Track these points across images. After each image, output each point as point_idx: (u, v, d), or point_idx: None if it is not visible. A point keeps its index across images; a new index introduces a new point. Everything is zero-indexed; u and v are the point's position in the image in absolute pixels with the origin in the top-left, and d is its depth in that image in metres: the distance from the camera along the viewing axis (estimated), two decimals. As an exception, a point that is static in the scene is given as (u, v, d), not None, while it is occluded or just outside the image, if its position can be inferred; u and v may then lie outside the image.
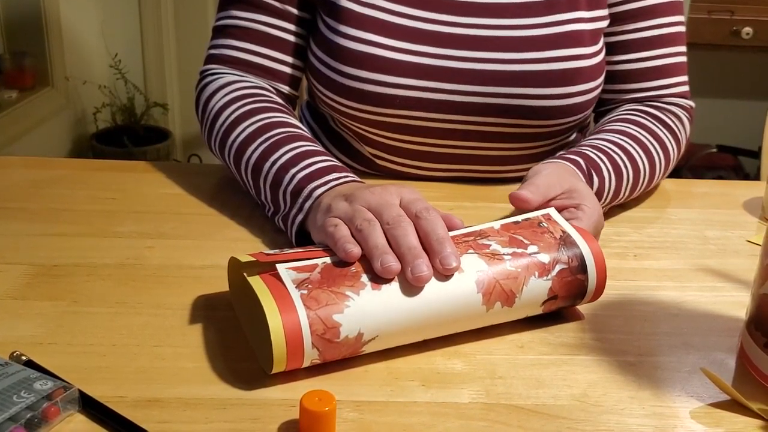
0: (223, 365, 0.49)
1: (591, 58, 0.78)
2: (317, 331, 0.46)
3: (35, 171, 0.81)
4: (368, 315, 0.48)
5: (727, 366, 0.53)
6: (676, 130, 0.81)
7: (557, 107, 0.78)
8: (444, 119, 0.78)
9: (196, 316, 0.55)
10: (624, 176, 0.73)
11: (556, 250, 0.54)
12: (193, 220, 0.70)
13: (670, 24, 0.82)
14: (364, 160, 0.85)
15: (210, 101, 0.77)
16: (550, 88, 0.77)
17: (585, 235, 0.56)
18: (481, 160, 0.82)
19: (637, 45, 0.82)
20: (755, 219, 0.79)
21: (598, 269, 0.55)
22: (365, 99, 0.77)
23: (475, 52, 0.76)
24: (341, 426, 0.44)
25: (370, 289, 0.49)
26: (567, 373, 0.51)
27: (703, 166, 2.54)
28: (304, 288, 0.48)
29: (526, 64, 0.76)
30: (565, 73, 0.77)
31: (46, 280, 0.59)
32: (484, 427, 0.45)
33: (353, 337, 0.48)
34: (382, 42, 0.75)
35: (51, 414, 0.42)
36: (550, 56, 0.77)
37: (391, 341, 0.50)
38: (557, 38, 0.77)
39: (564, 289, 0.54)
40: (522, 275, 0.52)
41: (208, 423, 0.44)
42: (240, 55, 0.79)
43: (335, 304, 0.47)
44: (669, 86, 0.83)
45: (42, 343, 0.51)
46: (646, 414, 0.47)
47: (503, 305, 0.52)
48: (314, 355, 0.47)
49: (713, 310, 0.60)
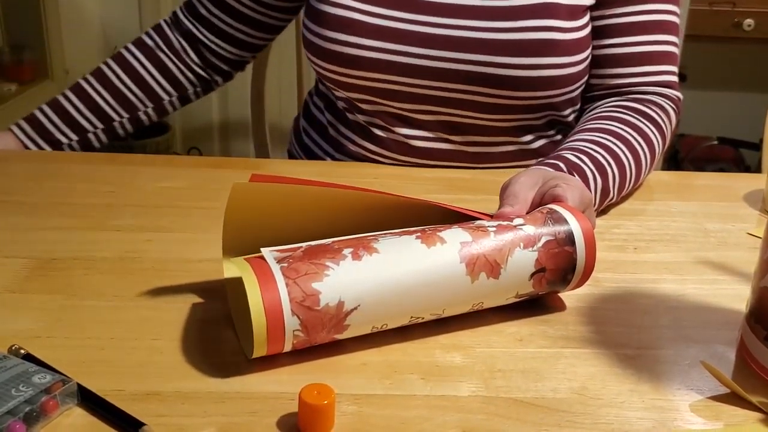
0: (222, 359, 0.49)
1: (566, 32, 0.78)
2: (296, 298, 0.46)
3: (34, 164, 0.81)
4: (348, 283, 0.48)
5: (727, 359, 0.53)
6: (661, 122, 0.80)
7: (526, 78, 0.78)
8: (418, 84, 0.81)
9: (194, 310, 0.55)
10: (609, 174, 0.72)
11: (543, 222, 0.54)
12: (192, 214, 0.70)
13: (659, 11, 0.82)
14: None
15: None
16: (518, 57, 0.77)
17: (572, 210, 0.56)
18: (465, 129, 0.84)
19: (624, 29, 0.82)
20: (756, 212, 0.78)
21: (586, 241, 0.54)
22: (346, 62, 0.81)
23: (448, 18, 0.79)
24: (340, 419, 0.44)
25: (350, 260, 0.49)
26: (566, 366, 0.51)
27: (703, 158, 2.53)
28: (285, 262, 0.48)
29: (497, 33, 0.77)
30: (534, 43, 0.77)
31: (44, 273, 0.59)
32: (482, 420, 0.45)
33: (334, 306, 0.47)
34: (360, 8, 0.80)
35: (49, 407, 0.42)
36: (521, 26, 0.77)
37: (375, 313, 0.49)
38: (530, 8, 0.78)
39: (551, 261, 0.53)
40: (507, 247, 0.52)
41: (207, 416, 0.44)
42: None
43: (315, 273, 0.47)
44: (654, 74, 0.83)
45: (40, 336, 0.51)
46: (645, 407, 0.47)
47: (489, 276, 0.51)
48: (295, 325, 0.46)
49: (713, 303, 0.60)
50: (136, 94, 0.94)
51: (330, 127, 0.92)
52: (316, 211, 0.54)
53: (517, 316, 0.56)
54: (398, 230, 0.53)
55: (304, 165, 0.89)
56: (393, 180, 0.81)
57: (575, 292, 0.59)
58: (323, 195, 0.53)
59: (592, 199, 0.64)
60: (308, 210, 0.54)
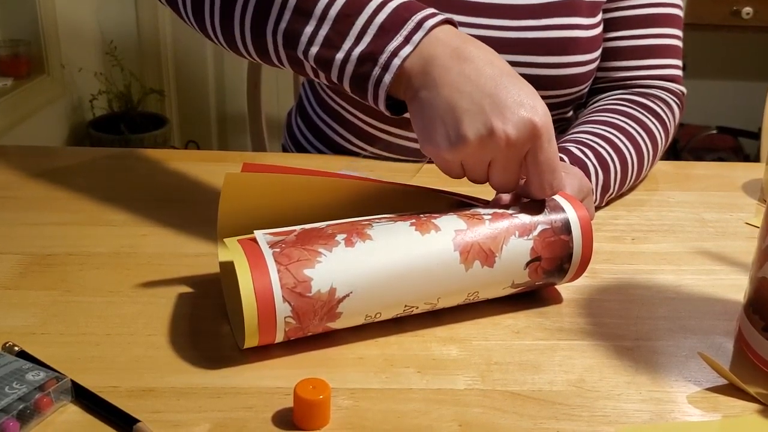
0: (218, 353, 0.49)
1: (588, 30, 0.77)
2: (287, 285, 0.46)
3: (29, 160, 0.80)
4: (340, 269, 0.47)
5: (725, 350, 0.52)
6: (665, 118, 0.80)
7: (551, 77, 0.77)
8: None
9: (190, 305, 0.54)
10: (611, 170, 0.71)
11: (539, 211, 0.54)
12: (187, 208, 0.70)
13: (665, 4, 0.81)
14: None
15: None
16: (544, 56, 0.76)
17: (569, 198, 0.55)
18: None
19: (631, 22, 0.81)
20: (754, 201, 0.78)
21: (583, 230, 0.54)
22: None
23: (471, 17, 0.76)
24: (336, 414, 0.44)
25: (343, 247, 0.48)
26: (563, 359, 0.50)
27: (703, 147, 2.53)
28: (278, 247, 0.48)
29: (522, 32, 0.76)
30: (561, 41, 0.76)
31: (40, 269, 0.58)
32: (479, 413, 0.45)
33: (326, 292, 0.47)
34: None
35: (43, 405, 0.42)
36: (547, 24, 0.76)
37: (368, 301, 0.48)
38: (554, 6, 0.76)
39: (547, 250, 0.53)
40: (502, 235, 0.52)
41: (202, 412, 0.44)
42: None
43: (307, 259, 0.47)
44: (659, 67, 0.82)
45: (35, 333, 0.50)
46: (642, 399, 0.47)
47: (483, 265, 0.51)
48: (287, 311, 0.46)
49: (711, 294, 0.60)
50: None
51: (325, 126, 0.91)
52: (310, 199, 0.54)
53: (514, 308, 0.56)
54: (393, 215, 0.53)
55: (300, 158, 0.89)
56: (388, 173, 0.81)
57: (572, 283, 0.59)
58: (316, 183, 0.53)
59: (591, 188, 0.63)
60: (302, 198, 0.53)
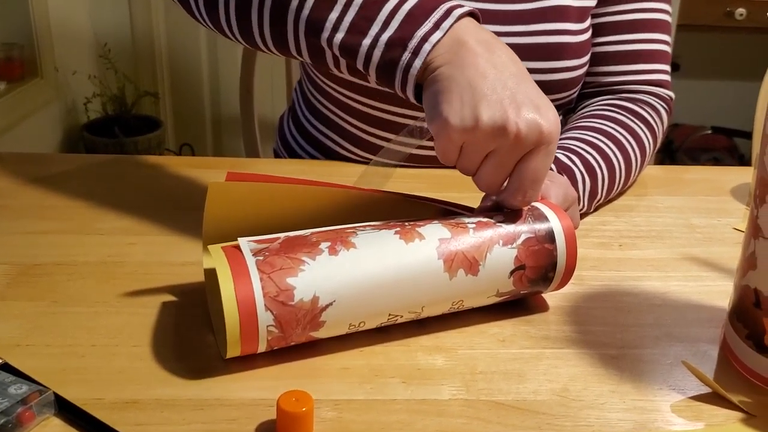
0: (202, 365, 0.49)
1: (577, 35, 0.78)
2: (270, 293, 0.46)
3: (20, 167, 0.80)
4: (323, 278, 0.47)
5: (710, 357, 0.53)
6: (653, 123, 0.80)
7: (541, 82, 0.77)
8: None
9: (175, 315, 0.54)
10: (599, 177, 0.71)
11: (523, 220, 0.54)
12: (177, 216, 0.70)
13: (653, 10, 0.81)
14: (350, 136, 0.85)
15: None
16: (534, 61, 0.76)
17: (553, 207, 0.56)
18: None
19: (619, 27, 0.81)
20: (743, 206, 0.78)
21: (567, 239, 0.54)
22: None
23: None
24: (319, 426, 0.44)
25: (327, 255, 0.48)
26: (548, 367, 0.50)
27: (698, 147, 2.53)
28: (261, 255, 0.48)
29: (512, 37, 0.76)
30: (550, 47, 0.76)
31: (26, 279, 0.58)
32: (462, 424, 0.45)
33: (309, 301, 0.47)
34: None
35: (26, 418, 0.42)
36: (536, 29, 0.76)
37: (351, 309, 0.48)
38: (543, 12, 0.76)
39: (531, 259, 0.53)
40: (485, 243, 0.52)
41: (185, 424, 0.44)
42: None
43: (290, 268, 0.47)
44: (647, 72, 0.82)
45: (20, 344, 0.50)
46: (626, 408, 0.47)
47: (467, 273, 0.51)
48: (269, 320, 0.46)
49: (698, 300, 0.60)
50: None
51: (316, 131, 0.91)
52: (294, 208, 0.54)
53: (500, 316, 0.56)
54: (378, 223, 0.53)
55: (290, 164, 0.89)
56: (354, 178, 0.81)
57: (558, 290, 0.59)
58: (301, 192, 0.53)
59: (576, 197, 0.63)
60: (287, 207, 0.53)
